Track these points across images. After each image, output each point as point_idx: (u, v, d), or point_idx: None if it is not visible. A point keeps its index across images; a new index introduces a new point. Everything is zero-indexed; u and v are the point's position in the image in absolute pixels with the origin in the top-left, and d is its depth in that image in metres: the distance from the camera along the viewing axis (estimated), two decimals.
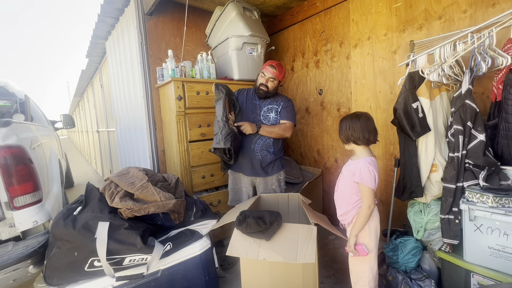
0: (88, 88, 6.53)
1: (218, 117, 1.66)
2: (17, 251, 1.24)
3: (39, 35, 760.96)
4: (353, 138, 1.29)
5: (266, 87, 1.80)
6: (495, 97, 1.35)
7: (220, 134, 1.62)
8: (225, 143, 1.61)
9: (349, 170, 1.33)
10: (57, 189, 1.76)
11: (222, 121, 1.63)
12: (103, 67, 4.33)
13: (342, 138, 1.34)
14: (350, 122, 1.30)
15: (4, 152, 1.26)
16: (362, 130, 1.27)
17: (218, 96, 1.67)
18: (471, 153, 1.30)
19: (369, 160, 1.26)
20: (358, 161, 1.29)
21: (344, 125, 1.32)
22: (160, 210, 1.40)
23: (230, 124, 1.65)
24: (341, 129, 1.34)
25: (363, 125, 1.27)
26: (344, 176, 1.37)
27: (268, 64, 1.81)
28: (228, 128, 1.63)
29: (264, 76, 1.80)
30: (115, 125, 3.56)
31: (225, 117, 1.63)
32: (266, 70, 1.80)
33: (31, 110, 2.35)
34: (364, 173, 1.23)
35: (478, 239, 1.27)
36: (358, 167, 1.26)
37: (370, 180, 1.22)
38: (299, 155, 2.99)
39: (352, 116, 1.32)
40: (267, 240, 1.32)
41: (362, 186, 1.24)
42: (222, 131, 1.62)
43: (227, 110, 1.67)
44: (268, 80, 1.79)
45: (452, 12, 1.69)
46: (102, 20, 2.79)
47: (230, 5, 2.25)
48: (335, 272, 1.87)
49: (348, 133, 1.30)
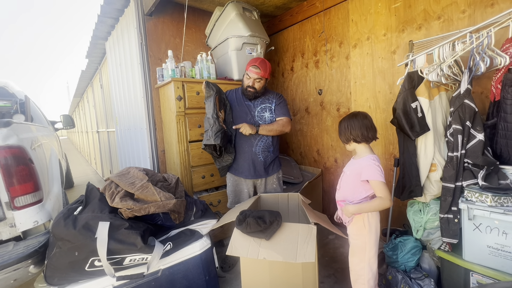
0: (88, 89, 6.53)
1: (208, 114, 1.69)
2: (18, 251, 1.25)
3: (38, 34, 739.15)
4: (352, 137, 1.30)
5: (253, 89, 1.78)
6: (493, 96, 1.35)
7: (211, 131, 1.66)
8: (215, 140, 1.64)
9: (352, 169, 1.33)
10: (58, 189, 1.77)
11: (212, 118, 1.66)
12: (103, 67, 4.33)
13: (343, 138, 1.36)
14: (348, 122, 1.32)
15: (5, 152, 1.27)
16: (360, 127, 1.28)
17: (208, 94, 1.70)
18: (470, 153, 1.30)
19: (372, 157, 1.28)
20: (361, 160, 1.30)
21: (343, 125, 1.34)
22: (160, 210, 1.40)
23: (220, 122, 1.68)
24: (341, 130, 1.35)
25: (360, 122, 1.29)
26: (347, 175, 1.37)
27: (251, 64, 1.75)
28: (219, 125, 1.66)
29: (249, 78, 1.76)
30: (115, 125, 3.56)
31: (215, 114, 1.66)
32: (250, 71, 1.75)
33: (31, 111, 2.35)
34: (371, 169, 1.23)
35: (477, 238, 1.28)
36: (364, 166, 1.26)
37: (380, 174, 1.22)
38: (299, 155, 3.00)
39: (349, 116, 1.34)
40: (267, 240, 1.32)
41: (374, 182, 1.22)
42: (213, 127, 1.65)
43: (217, 108, 1.70)
44: (254, 82, 1.76)
45: (451, 12, 1.69)
46: (102, 21, 2.79)
47: (229, 5, 2.25)
48: (335, 272, 1.88)
49: (347, 132, 1.31)
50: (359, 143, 1.31)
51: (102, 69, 4.45)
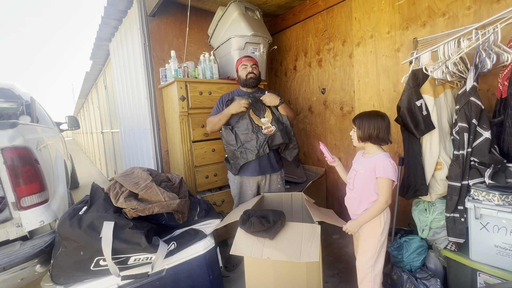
0: (93, 90, 6.59)
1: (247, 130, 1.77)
2: (25, 250, 1.26)
3: (46, 37, 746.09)
4: (377, 138, 1.27)
5: (253, 74, 1.87)
6: (500, 94, 1.33)
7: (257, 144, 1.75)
8: (264, 150, 1.76)
9: (366, 167, 1.30)
10: (63, 190, 1.78)
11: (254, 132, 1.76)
12: (107, 68, 4.37)
13: (363, 136, 1.29)
14: (375, 122, 1.27)
15: (11, 153, 1.28)
16: (386, 130, 1.27)
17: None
18: (477, 151, 1.28)
19: (387, 154, 1.27)
20: (375, 157, 1.28)
21: (367, 124, 1.28)
22: (164, 210, 1.41)
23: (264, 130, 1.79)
24: (363, 127, 1.29)
25: (387, 125, 1.28)
26: (361, 174, 1.32)
27: (242, 57, 1.90)
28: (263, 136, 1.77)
29: (246, 66, 1.87)
30: (119, 126, 3.59)
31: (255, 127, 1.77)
32: (244, 61, 1.87)
33: (37, 112, 2.38)
34: (387, 167, 1.22)
35: (484, 237, 1.26)
36: (380, 163, 1.24)
37: (393, 173, 1.22)
38: (302, 154, 2.99)
39: (375, 115, 1.28)
40: (270, 239, 1.32)
41: (383, 180, 1.22)
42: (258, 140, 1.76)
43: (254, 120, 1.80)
44: (253, 68, 1.87)
45: (456, 9, 1.67)
46: (106, 22, 2.81)
47: (232, 5, 2.25)
48: (339, 272, 1.87)
49: (373, 133, 1.27)
50: (376, 144, 1.30)
51: (106, 70, 4.48)
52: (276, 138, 1.77)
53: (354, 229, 1.31)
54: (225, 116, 1.77)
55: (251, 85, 1.88)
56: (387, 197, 1.23)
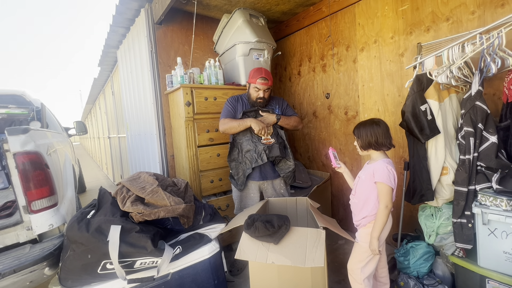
0: (100, 96, 6.72)
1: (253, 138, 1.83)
2: (34, 253, 1.29)
3: (58, 47, 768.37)
4: (376, 145, 1.31)
5: (263, 99, 1.87)
6: (506, 98, 1.32)
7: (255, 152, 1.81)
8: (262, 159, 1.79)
9: (367, 173, 1.35)
10: (71, 194, 1.82)
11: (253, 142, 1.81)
12: (115, 75, 4.46)
13: (364, 144, 1.35)
14: (371, 129, 1.32)
15: (23, 158, 1.32)
16: (383, 136, 1.30)
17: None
18: (483, 156, 1.27)
19: (387, 161, 1.30)
20: (376, 163, 1.31)
21: (364, 132, 1.34)
22: (170, 214, 1.42)
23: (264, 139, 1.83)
24: (361, 136, 1.34)
25: (384, 130, 1.31)
26: (362, 180, 1.38)
27: (258, 77, 1.81)
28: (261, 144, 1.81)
29: (258, 90, 1.84)
30: (126, 131, 3.65)
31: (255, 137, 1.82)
32: (258, 84, 1.82)
33: (47, 118, 2.44)
34: (383, 172, 1.25)
35: (492, 243, 1.24)
36: (377, 168, 1.28)
37: (389, 179, 1.24)
38: (307, 159, 2.99)
39: (370, 123, 1.34)
40: (275, 244, 1.32)
41: (381, 185, 1.25)
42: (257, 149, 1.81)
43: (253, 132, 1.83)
44: (264, 93, 1.86)
45: (460, 14, 1.67)
46: (114, 30, 2.89)
47: (237, 12, 2.29)
48: (345, 278, 1.84)
49: (371, 140, 1.31)
50: (378, 150, 1.33)
51: (114, 76, 4.58)
52: (274, 150, 1.80)
53: (375, 246, 1.29)
54: (244, 126, 1.79)
55: (257, 106, 1.90)
56: (386, 202, 1.25)
